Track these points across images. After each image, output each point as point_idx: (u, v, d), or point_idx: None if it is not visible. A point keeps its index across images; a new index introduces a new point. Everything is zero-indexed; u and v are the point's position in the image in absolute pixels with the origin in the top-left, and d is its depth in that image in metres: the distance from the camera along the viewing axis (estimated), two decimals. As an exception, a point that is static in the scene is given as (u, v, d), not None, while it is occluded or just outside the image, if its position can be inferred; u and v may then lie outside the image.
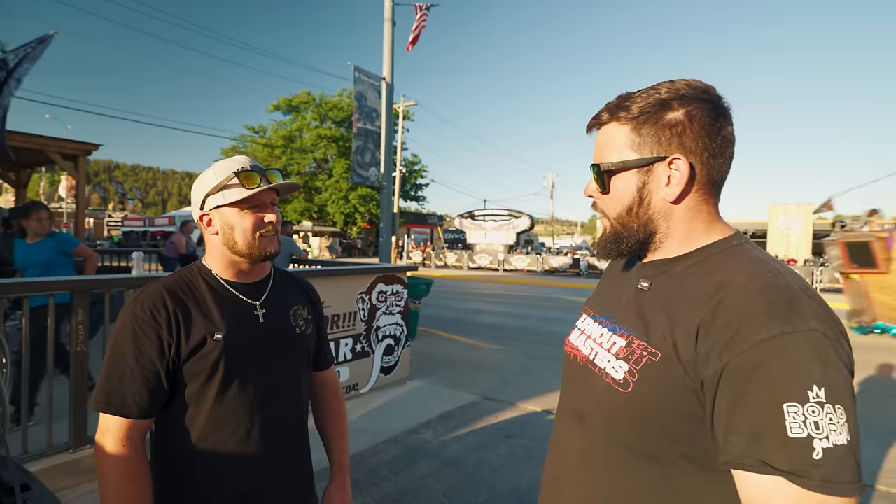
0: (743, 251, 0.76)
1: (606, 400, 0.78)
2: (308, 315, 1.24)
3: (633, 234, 0.81)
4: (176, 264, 7.05)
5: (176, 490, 1.06)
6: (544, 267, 23.34)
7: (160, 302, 1.03)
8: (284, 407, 1.14)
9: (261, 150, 32.75)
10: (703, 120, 0.75)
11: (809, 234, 23.33)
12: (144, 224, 37.20)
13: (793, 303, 0.65)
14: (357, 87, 8.16)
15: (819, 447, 0.58)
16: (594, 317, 0.91)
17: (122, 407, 0.99)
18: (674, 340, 0.71)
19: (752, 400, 0.62)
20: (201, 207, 1.10)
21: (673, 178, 0.76)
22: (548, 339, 7.85)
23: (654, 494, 0.74)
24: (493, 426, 3.96)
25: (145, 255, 9.56)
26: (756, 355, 0.62)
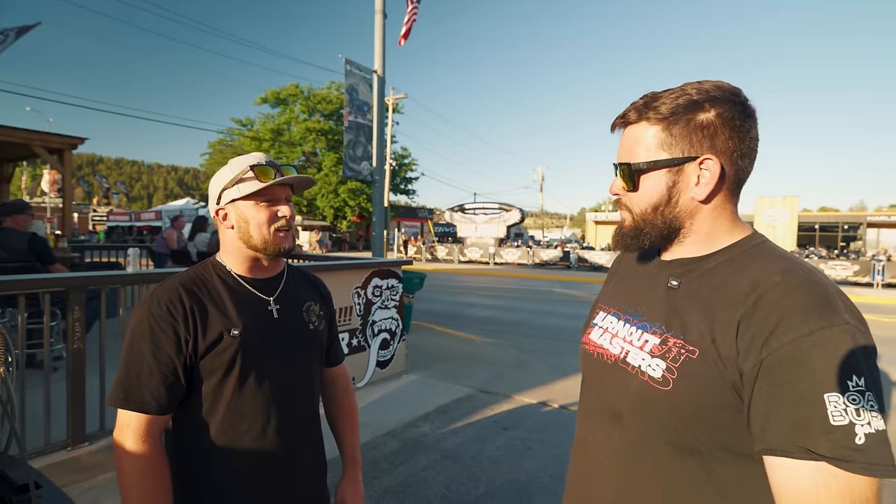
0: (769, 249, 0.79)
1: (644, 398, 0.79)
2: (320, 311, 1.25)
3: (655, 229, 0.83)
4: (166, 260, 6.98)
5: (193, 485, 1.07)
6: (534, 260, 23.46)
7: (176, 298, 1.04)
8: (299, 402, 1.15)
9: (248, 144, 32.35)
10: (733, 121, 0.77)
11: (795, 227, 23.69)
12: (130, 219, 36.70)
13: (828, 299, 0.68)
14: (348, 80, 8.10)
15: (861, 433, 0.61)
16: (617, 315, 0.91)
17: (141, 403, 0.99)
18: (712, 337, 0.73)
19: (794, 391, 0.64)
20: (217, 202, 1.11)
21: (703, 177, 0.78)
22: (540, 332, 7.92)
23: (696, 488, 0.75)
24: (490, 418, 4.01)
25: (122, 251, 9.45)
26: (798, 349, 0.65)
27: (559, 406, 4.34)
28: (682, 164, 0.79)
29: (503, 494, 2.84)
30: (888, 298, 13.71)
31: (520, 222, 27.80)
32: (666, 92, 0.80)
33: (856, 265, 17.46)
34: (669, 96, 0.79)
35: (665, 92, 0.81)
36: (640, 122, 0.82)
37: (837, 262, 18.01)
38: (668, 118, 0.78)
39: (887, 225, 33.63)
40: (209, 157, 34.18)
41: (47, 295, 2.79)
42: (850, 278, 17.25)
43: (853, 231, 34.14)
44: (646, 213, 0.83)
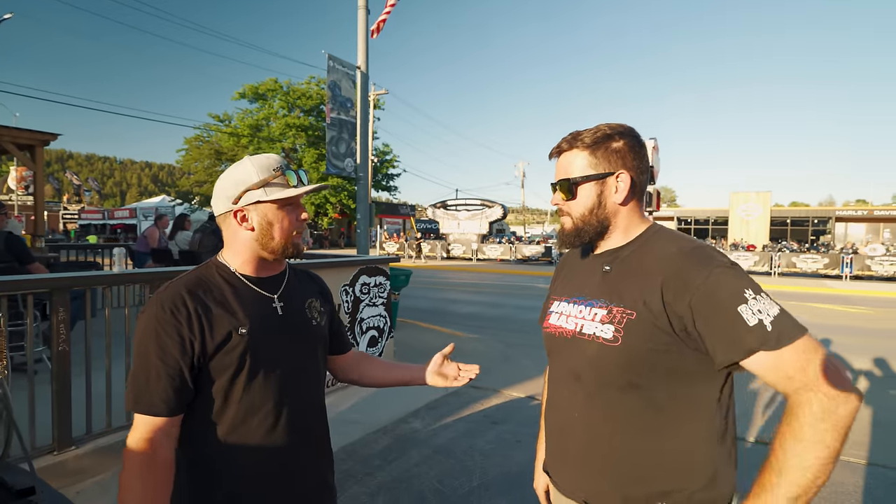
0: (664, 233, 1.10)
1: (601, 356, 1.03)
2: (321, 307, 1.28)
3: (592, 227, 1.11)
4: (147, 259, 6.83)
5: (206, 481, 1.08)
6: (517, 256, 23.64)
7: (180, 301, 1.04)
8: (307, 396, 1.18)
9: (226, 140, 31.72)
10: (634, 148, 1.10)
11: (768, 222, 24.32)
12: (103, 217, 35.69)
13: (709, 253, 0.99)
14: (331, 77, 8.02)
15: (768, 322, 0.90)
16: (567, 300, 1.16)
17: (151, 406, 1.01)
18: (644, 300, 1.00)
19: (718, 318, 0.92)
20: (235, 202, 1.09)
21: (620, 187, 1.09)
22: (524, 326, 8.02)
23: (639, 413, 1.02)
24: (480, 413, 4.06)
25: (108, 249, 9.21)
26: (706, 288, 0.93)
27: (547, 399, 4.42)
28: (605, 177, 1.09)
29: (496, 486, 2.89)
30: (856, 290, 14.24)
31: (502, 218, 27.96)
32: (587, 130, 1.12)
33: (825, 258, 18.07)
34: (590, 132, 1.10)
35: (586, 130, 1.12)
36: (571, 150, 1.11)
37: (808, 255, 18.60)
38: (592, 146, 1.09)
39: (854, 219, 34.87)
40: (185, 153, 33.29)
41: (30, 296, 2.72)
42: (821, 271, 17.84)
43: (822, 225, 35.26)
44: (584, 215, 1.11)
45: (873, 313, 10.10)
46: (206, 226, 6.18)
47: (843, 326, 8.37)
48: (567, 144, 1.12)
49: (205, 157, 32.46)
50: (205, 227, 6.15)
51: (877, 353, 6.35)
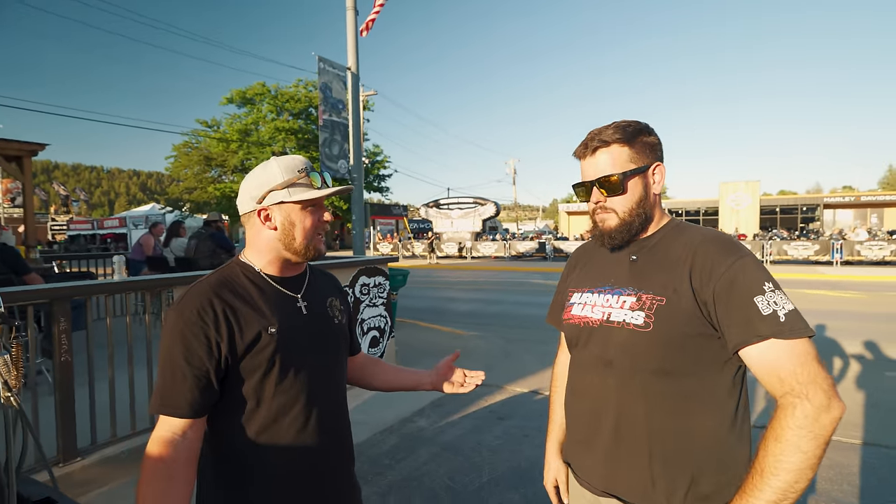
0: (684, 225, 1.15)
1: (633, 342, 1.05)
2: (341, 305, 1.29)
3: (639, 220, 1.12)
4: (142, 267, 6.76)
5: (237, 480, 1.08)
6: (511, 252, 23.69)
7: (206, 302, 1.04)
8: (333, 394, 1.20)
9: (215, 145, 31.46)
10: (660, 142, 1.15)
11: (757, 210, 24.54)
12: (93, 227, 35.33)
13: (734, 243, 1.04)
14: (322, 79, 7.99)
15: (781, 314, 0.94)
16: (591, 291, 1.19)
17: (176, 407, 1.01)
18: (673, 287, 1.03)
19: (736, 304, 0.96)
20: (259, 202, 1.10)
21: (657, 179, 1.13)
22: (524, 322, 8.03)
23: (670, 397, 1.04)
24: (485, 409, 4.07)
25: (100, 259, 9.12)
26: (729, 275, 0.98)
27: (550, 393, 4.43)
28: (646, 170, 1.12)
29: (506, 481, 2.89)
30: (846, 275, 14.42)
31: (495, 215, 28.00)
32: (612, 125, 1.12)
33: (816, 245, 18.27)
34: (620, 128, 1.11)
35: (611, 125, 1.12)
36: (611, 145, 1.11)
37: (799, 242, 18.80)
38: (630, 140, 1.10)
39: (842, 206, 35.27)
40: (174, 160, 32.95)
41: (30, 307, 2.69)
42: (812, 257, 18.04)
43: (811, 213, 35.67)
44: (633, 209, 1.11)
45: (866, 297, 10.23)
46: (201, 232, 6.14)
47: (837, 311, 8.47)
48: (601, 142, 1.11)
49: (194, 163, 32.17)
50: (200, 234, 6.11)
51: (871, 336, 6.44)
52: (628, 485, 1.07)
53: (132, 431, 3.09)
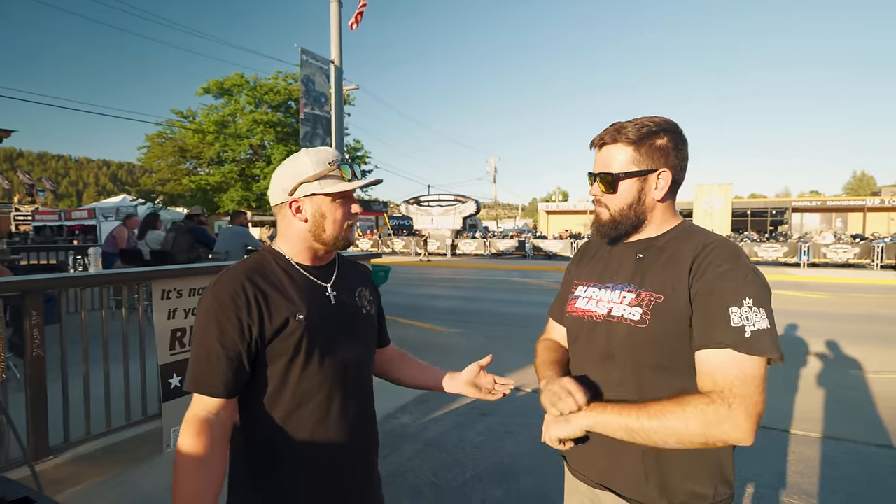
0: (695, 228, 1.16)
1: (631, 337, 1.07)
2: (370, 296, 1.32)
3: (629, 222, 1.14)
4: (115, 260, 6.56)
5: (264, 464, 1.11)
6: (491, 250, 23.80)
7: (239, 286, 1.08)
8: (359, 382, 1.21)
9: (191, 136, 30.71)
10: (678, 146, 1.11)
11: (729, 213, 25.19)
12: (60, 218, 34.05)
13: (736, 252, 1.04)
14: (304, 71, 7.87)
15: (749, 330, 0.94)
16: (597, 286, 1.20)
17: (210, 387, 1.04)
18: (672, 286, 1.04)
19: (711, 307, 0.98)
20: (291, 193, 1.13)
21: (660, 185, 1.11)
22: (503, 320, 8.09)
23: (668, 392, 1.02)
24: (468, 406, 4.09)
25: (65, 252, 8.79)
26: (713, 282, 1.00)
27: (532, 390, 4.48)
28: (647, 174, 1.10)
29: (489, 477, 2.92)
30: (814, 277, 14.95)
31: (475, 213, 28.09)
32: (631, 122, 1.11)
33: (785, 247, 18.90)
34: (635, 127, 1.10)
35: (630, 122, 1.11)
36: (615, 143, 1.12)
37: (769, 244, 19.41)
38: (637, 142, 1.09)
39: (809, 209, 36.62)
40: (147, 150, 32.01)
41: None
42: (780, 259, 18.65)
43: (780, 216, 36.84)
44: (622, 210, 1.13)
45: (833, 298, 10.63)
46: (180, 224, 5.99)
47: (806, 311, 8.78)
48: (610, 138, 1.12)
49: (168, 154, 31.31)
50: (179, 226, 5.95)
51: (836, 336, 6.70)
52: (624, 478, 1.09)
53: (107, 429, 3.01)
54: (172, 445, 3.00)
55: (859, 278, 14.32)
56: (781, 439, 3.46)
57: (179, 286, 3.06)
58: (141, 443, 3.10)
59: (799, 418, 3.87)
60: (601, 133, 1.15)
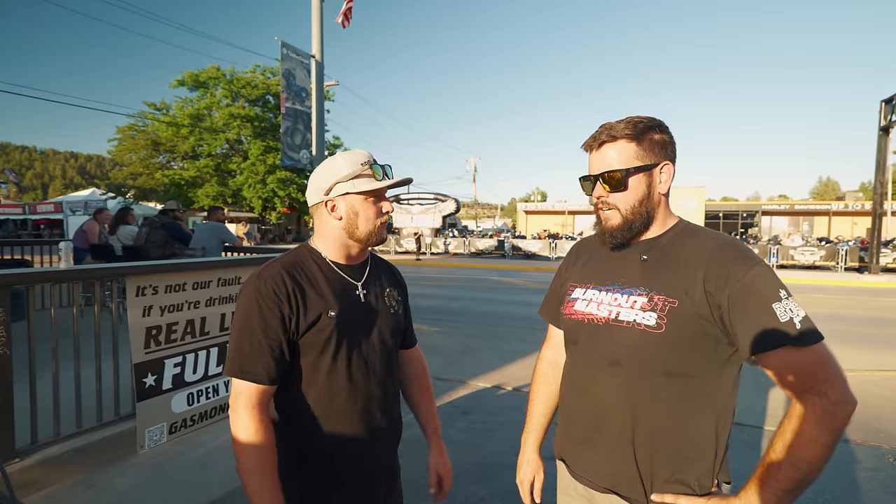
0: (693, 227, 1.14)
1: (643, 342, 1.05)
2: (398, 296, 1.36)
3: (641, 219, 1.11)
4: (85, 255, 6.33)
5: (296, 452, 1.17)
6: (471, 249, 23.88)
7: (280, 280, 1.13)
8: (386, 380, 1.26)
9: (165, 130, 29.90)
10: (671, 140, 1.13)
11: (702, 215, 25.84)
12: (24, 211, 32.79)
13: (747, 249, 1.05)
14: (285, 65, 7.74)
15: (797, 321, 0.96)
16: (598, 288, 1.16)
17: (254, 374, 1.10)
18: (685, 289, 1.03)
19: (754, 309, 0.97)
20: (326, 193, 1.19)
21: (663, 178, 1.11)
22: (483, 319, 8.13)
23: (678, 398, 1.05)
24: (449, 404, 4.09)
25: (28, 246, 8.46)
26: (745, 282, 0.99)
27: (512, 389, 4.51)
28: (653, 168, 1.10)
29: (472, 475, 2.92)
30: (783, 278, 15.32)
31: (455, 212, 28.13)
32: (622, 121, 1.11)
33: (755, 249, 19.49)
34: (630, 124, 1.10)
35: (621, 121, 1.11)
36: (616, 141, 1.10)
37: (740, 246, 19.99)
38: (638, 137, 1.09)
39: (778, 213, 37.92)
40: (118, 143, 31.03)
41: (-37, 296, 2.46)
42: (751, 261, 19.24)
43: (751, 218, 37.96)
44: (634, 207, 1.10)
45: (800, 299, 10.97)
46: (154, 220, 5.82)
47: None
48: (608, 136, 1.11)
49: (140, 147, 30.44)
50: (153, 222, 5.79)
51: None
52: (630, 482, 1.09)
53: (78, 430, 2.91)
54: (147, 446, 2.92)
55: (825, 279, 14.86)
56: (755, 436, 3.57)
57: (155, 282, 2.98)
58: (114, 444, 3.00)
59: (772, 415, 3.99)
60: (595, 134, 1.13)
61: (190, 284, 3.18)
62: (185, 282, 3.15)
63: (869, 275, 15.52)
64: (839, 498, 2.76)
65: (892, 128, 15.02)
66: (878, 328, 7.80)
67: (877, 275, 15.43)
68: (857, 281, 14.62)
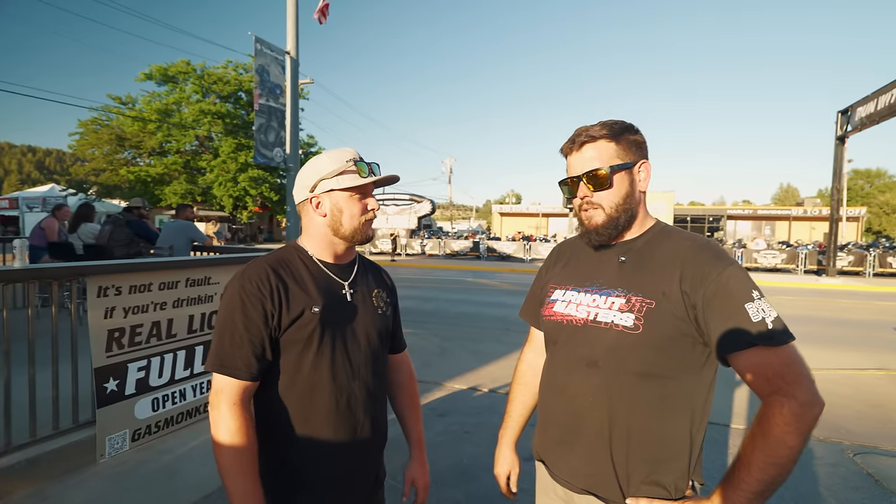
0: (670, 228, 1.16)
1: (620, 343, 1.06)
2: (387, 298, 1.34)
3: (625, 217, 1.12)
4: (43, 254, 6.03)
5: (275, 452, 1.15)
6: (446, 251, 23.88)
7: (264, 276, 1.13)
8: (370, 381, 1.23)
9: (130, 124, 28.89)
10: (643, 139, 1.16)
11: (671, 219, 26.53)
12: (-24, 207, 31.15)
13: (721, 250, 1.07)
14: (258, 60, 7.56)
15: (769, 321, 0.97)
16: (577, 289, 1.18)
17: (235, 369, 1.09)
18: (662, 290, 1.04)
19: (727, 310, 0.99)
20: (311, 190, 1.19)
21: (643, 176, 1.14)
22: (458, 320, 8.12)
23: (654, 399, 1.06)
24: (425, 406, 4.05)
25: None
26: (720, 281, 1.00)
27: (489, 390, 4.50)
28: (633, 166, 1.13)
29: (449, 478, 2.89)
30: (746, 280, 15.95)
31: (431, 213, 28.12)
32: (598, 124, 1.14)
33: (721, 252, 20.13)
34: (606, 125, 1.13)
35: (596, 124, 1.14)
36: (597, 141, 1.12)
37: (707, 249, 20.59)
38: (617, 137, 1.12)
39: (742, 217, 39.35)
40: (80, 137, 29.79)
41: None
42: (717, 264, 19.83)
43: (716, 222, 39.26)
44: (619, 204, 1.12)
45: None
46: (118, 217, 5.58)
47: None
48: (588, 137, 1.13)
49: (104, 142, 29.29)
50: (117, 219, 5.55)
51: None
52: (606, 483, 1.09)
53: (31, 439, 2.74)
54: (108, 454, 2.79)
55: (786, 282, 15.44)
56: (722, 434, 3.65)
57: (118, 282, 2.85)
58: (71, 453, 2.85)
59: (737, 413, 4.10)
60: (572, 137, 1.15)
61: (156, 285, 3.06)
62: (150, 282, 3.02)
63: (827, 277, 16.22)
64: (803, 494, 2.84)
65: (848, 137, 15.74)
66: (837, 328, 8.15)
67: (834, 277, 16.14)
68: (816, 283, 15.24)
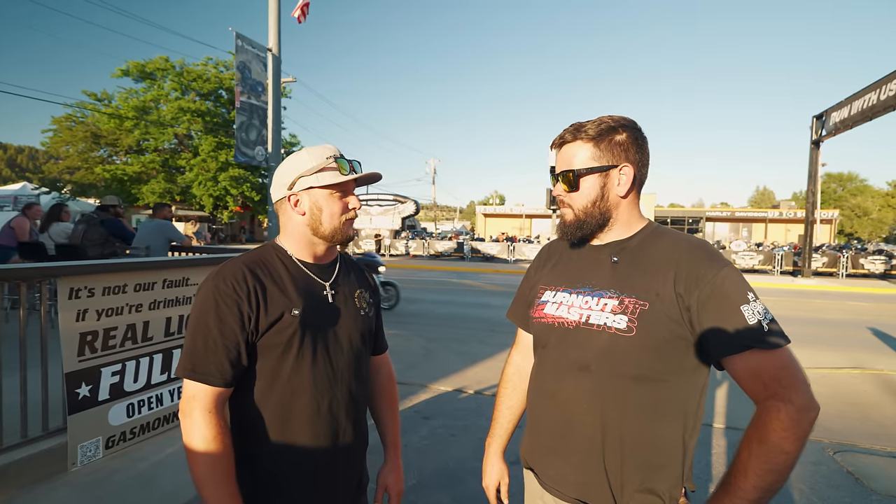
0: (665, 229, 1.13)
1: (613, 346, 1.03)
2: (370, 298, 1.30)
3: (594, 220, 1.11)
4: (13, 254, 5.80)
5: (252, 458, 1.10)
6: (430, 251, 23.82)
7: (241, 277, 1.07)
8: (352, 384, 1.19)
9: (106, 122, 28.16)
10: (637, 141, 1.10)
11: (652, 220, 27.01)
12: (-57, 206, 30.08)
13: (716, 251, 1.04)
14: (240, 57, 7.41)
15: (764, 324, 0.96)
16: (568, 290, 1.14)
17: (207, 375, 1.03)
18: (656, 291, 1.01)
19: (722, 312, 0.97)
20: (290, 188, 1.14)
21: (622, 180, 1.09)
22: (442, 321, 8.08)
23: (647, 403, 1.03)
24: (410, 409, 4.00)
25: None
26: (715, 283, 0.98)
27: (474, 392, 4.47)
28: (608, 169, 1.09)
29: (435, 482, 2.85)
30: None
31: (415, 214, 28.01)
32: (590, 122, 1.11)
33: (701, 253, 20.50)
34: (594, 124, 1.10)
35: (589, 122, 1.11)
36: (575, 141, 1.11)
37: (687, 251, 20.95)
38: (596, 138, 1.09)
39: (720, 219, 40.19)
40: (54, 134, 28.93)
41: None
42: (697, 265, 20.19)
43: (696, 224, 40.01)
44: (586, 207, 1.11)
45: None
46: (91, 216, 5.39)
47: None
48: (570, 136, 1.12)
49: (79, 139, 28.51)
50: (90, 218, 5.37)
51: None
52: (599, 492, 1.06)
53: (3, 446, 2.62)
54: (80, 462, 2.67)
55: (763, 282, 15.77)
56: (705, 433, 3.68)
57: (91, 284, 2.74)
58: (40, 462, 2.73)
59: (719, 412, 4.14)
60: (561, 133, 1.14)
61: (131, 286, 2.95)
62: (125, 283, 2.92)
63: (802, 278, 16.62)
64: (785, 492, 2.87)
65: (823, 142, 16.16)
66: (813, 328, 8.33)
67: (809, 278, 16.55)
68: (792, 284, 15.61)
